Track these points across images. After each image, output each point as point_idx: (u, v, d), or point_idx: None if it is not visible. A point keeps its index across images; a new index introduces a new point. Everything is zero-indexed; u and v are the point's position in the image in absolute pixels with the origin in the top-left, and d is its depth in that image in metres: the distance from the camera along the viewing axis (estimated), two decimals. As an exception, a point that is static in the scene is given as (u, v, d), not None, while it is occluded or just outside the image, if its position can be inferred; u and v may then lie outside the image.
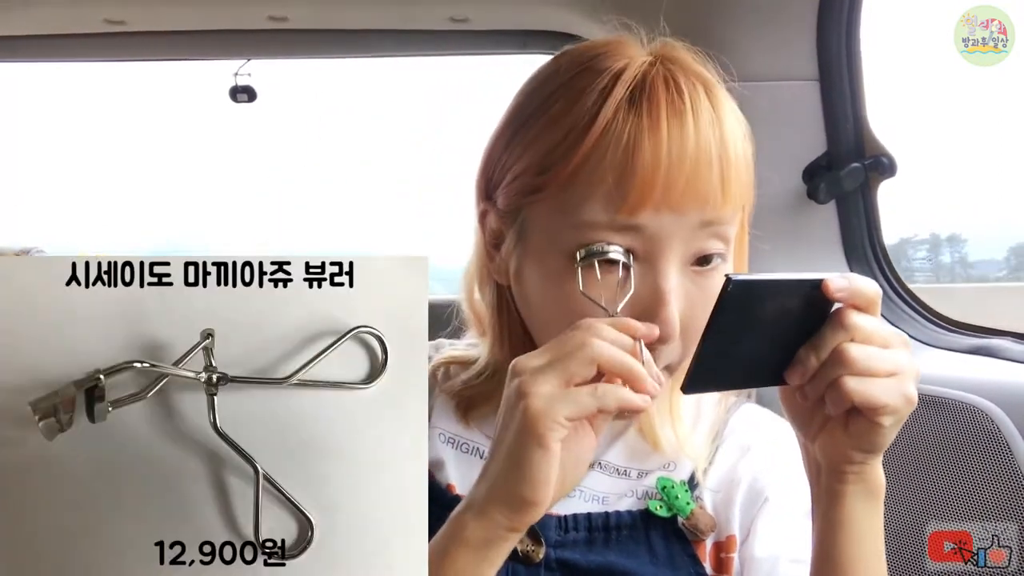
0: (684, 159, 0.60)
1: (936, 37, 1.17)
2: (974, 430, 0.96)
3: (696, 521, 0.70)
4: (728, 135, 0.62)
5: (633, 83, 0.62)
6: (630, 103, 0.61)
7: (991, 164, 1.70)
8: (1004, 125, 1.54)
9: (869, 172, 1.29)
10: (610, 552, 0.69)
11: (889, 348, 0.55)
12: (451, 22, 1.60)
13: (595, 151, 0.60)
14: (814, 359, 0.55)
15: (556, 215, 0.63)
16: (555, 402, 0.52)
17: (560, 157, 0.62)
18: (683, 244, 0.62)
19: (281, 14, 1.57)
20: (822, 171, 1.29)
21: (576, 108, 0.62)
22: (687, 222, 0.61)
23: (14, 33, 1.66)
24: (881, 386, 0.54)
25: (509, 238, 0.69)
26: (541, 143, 0.64)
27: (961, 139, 1.63)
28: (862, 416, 0.55)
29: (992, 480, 0.93)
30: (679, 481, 0.72)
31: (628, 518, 0.70)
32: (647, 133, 0.60)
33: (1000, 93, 1.32)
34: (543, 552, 0.68)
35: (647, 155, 0.59)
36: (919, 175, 1.43)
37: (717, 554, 0.71)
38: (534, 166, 0.64)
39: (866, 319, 0.55)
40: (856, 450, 0.57)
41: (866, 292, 0.55)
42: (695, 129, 0.60)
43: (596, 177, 0.60)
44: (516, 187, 0.66)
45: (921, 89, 1.51)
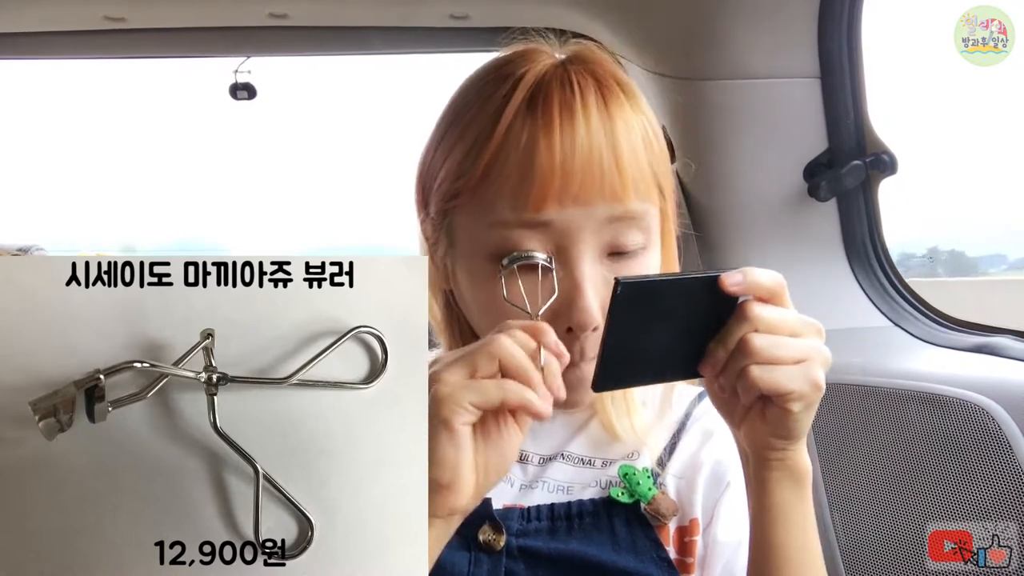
0: (575, 154, 0.62)
1: (936, 37, 1.17)
2: (975, 428, 0.96)
3: (658, 506, 0.72)
4: (620, 129, 0.64)
5: (532, 86, 0.65)
6: (529, 106, 0.64)
7: (990, 166, 1.70)
8: (1004, 126, 1.54)
9: (870, 170, 1.29)
10: (572, 539, 0.71)
11: (797, 336, 0.57)
12: (451, 19, 1.60)
13: (499, 154, 0.64)
14: (721, 351, 0.58)
15: (473, 219, 0.66)
16: (460, 389, 0.54)
17: (471, 163, 0.65)
18: (594, 236, 0.64)
19: (281, 11, 1.57)
20: (823, 169, 1.30)
21: (482, 114, 0.66)
22: (594, 215, 0.64)
23: (14, 30, 1.66)
24: (787, 373, 0.56)
25: (441, 244, 0.72)
26: (457, 150, 0.67)
27: (962, 141, 1.63)
28: (773, 404, 0.57)
29: (993, 479, 0.93)
30: (641, 468, 0.74)
31: (591, 506, 0.72)
32: (542, 132, 0.63)
33: (1000, 93, 1.32)
34: (504, 540, 0.70)
35: (543, 153, 0.62)
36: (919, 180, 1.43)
37: (681, 538, 0.74)
38: (452, 172, 0.67)
39: (770, 310, 0.57)
40: (774, 437, 0.59)
41: (765, 284, 0.57)
42: (585, 125, 0.63)
43: (502, 179, 0.64)
44: (440, 194, 0.69)
45: (921, 88, 1.51)
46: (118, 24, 1.60)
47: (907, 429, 1.01)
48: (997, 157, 1.64)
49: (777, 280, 0.58)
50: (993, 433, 0.94)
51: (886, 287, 1.32)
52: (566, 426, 0.78)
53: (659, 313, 0.56)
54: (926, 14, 1.40)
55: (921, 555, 0.94)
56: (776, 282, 0.57)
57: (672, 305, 0.56)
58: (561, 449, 0.76)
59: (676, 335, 0.57)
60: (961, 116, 1.54)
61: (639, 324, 0.55)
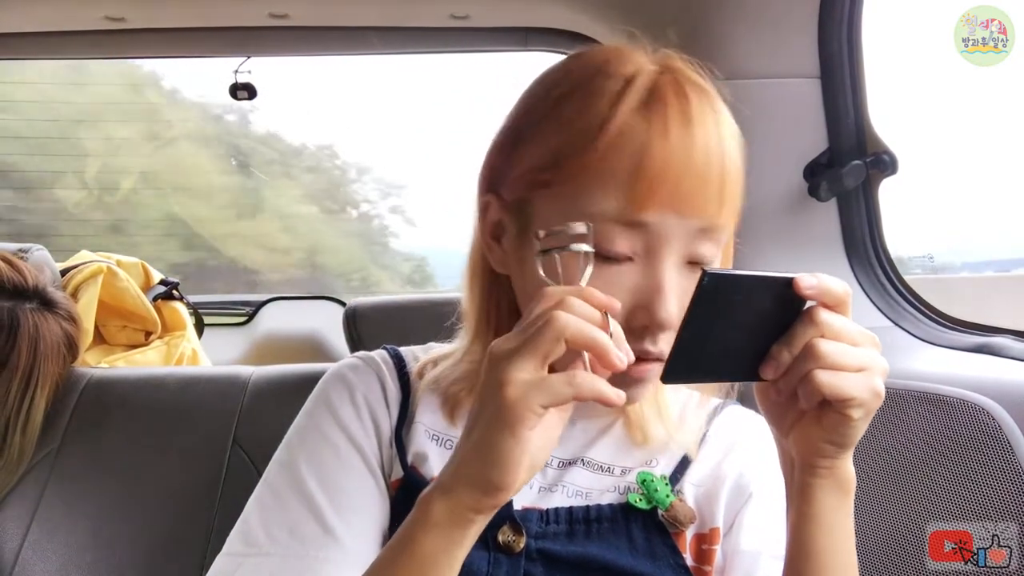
0: (692, 164, 0.62)
1: (936, 37, 1.17)
2: (975, 428, 0.96)
3: (676, 513, 0.72)
4: (728, 147, 0.65)
5: (645, 89, 0.65)
6: (642, 108, 0.64)
7: (990, 166, 1.70)
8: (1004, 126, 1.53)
9: (870, 169, 1.29)
10: (590, 543, 0.71)
11: (858, 346, 0.58)
12: (452, 19, 1.60)
13: (608, 150, 0.63)
14: (787, 354, 0.57)
15: (563, 208, 0.65)
16: (531, 389, 0.52)
17: (572, 153, 0.64)
18: (681, 245, 0.64)
19: (281, 11, 1.57)
20: (823, 169, 1.29)
21: (590, 108, 0.65)
22: (687, 225, 0.64)
23: (14, 30, 1.66)
24: (851, 379, 0.56)
25: (512, 229, 0.71)
26: (552, 139, 0.66)
27: (961, 141, 1.63)
28: (833, 409, 0.57)
29: (993, 479, 0.93)
30: (659, 475, 0.74)
31: (608, 511, 0.72)
32: (657, 138, 0.62)
33: (1000, 93, 1.32)
34: (523, 542, 0.69)
35: (656, 158, 0.62)
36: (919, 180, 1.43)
37: (698, 545, 0.74)
38: (545, 161, 0.66)
39: (836, 317, 0.57)
40: (828, 443, 0.59)
41: (835, 291, 0.57)
42: (703, 138, 0.63)
43: (607, 175, 0.63)
44: (524, 180, 0.69)
45: (921, 88, 1.51)
46: (118, 24, 1.60)
47: (907, 429, 1.01)
48: (997, 157, 1.64)
49: (846, 290, 0.58)
50: (993, 433, 0.94)
51: (886, 287, 1.32)
52: (586, 432, 0.77)
53: (734, 310, 0.56)
54: (926, 14, 1.40)
55: (921, 555, 0.94)
56: (845, 291, 0.58)
57: (746, 303, 0.56)
58: (581, 455, 0.76)
59: (742, 334, 0.57)
60: (961, 116, 1.54)
61: (716, 318, 0.55)
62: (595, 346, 0.54)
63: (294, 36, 1.69)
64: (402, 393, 0.78)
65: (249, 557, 0.68)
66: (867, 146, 1.29)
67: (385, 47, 1.73)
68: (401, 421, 0.77)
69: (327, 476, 0.71)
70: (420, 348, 0.85)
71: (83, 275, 1.47)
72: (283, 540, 0.68)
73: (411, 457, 0.74)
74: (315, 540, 0.67)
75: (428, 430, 0.76)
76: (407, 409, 0.77)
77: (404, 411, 0.77)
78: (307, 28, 1.68)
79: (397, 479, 0.74)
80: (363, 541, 0.69)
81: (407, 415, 0.77)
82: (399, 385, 0.79)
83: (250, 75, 1.94)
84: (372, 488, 0.73)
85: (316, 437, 0.74)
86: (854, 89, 1.28)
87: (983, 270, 2.32)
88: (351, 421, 0.75)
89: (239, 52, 1.85)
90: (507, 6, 1.60)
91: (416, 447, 0.75)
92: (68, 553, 1.12)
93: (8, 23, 1.63)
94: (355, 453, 0.73)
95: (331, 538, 0.68)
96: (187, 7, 1.57)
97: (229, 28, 1.67)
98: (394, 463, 0.75)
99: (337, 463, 0.72)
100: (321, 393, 0.78)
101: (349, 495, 0.71)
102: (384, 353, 0.82)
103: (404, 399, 0.78)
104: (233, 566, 0.68)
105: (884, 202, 1.32)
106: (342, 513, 0.69)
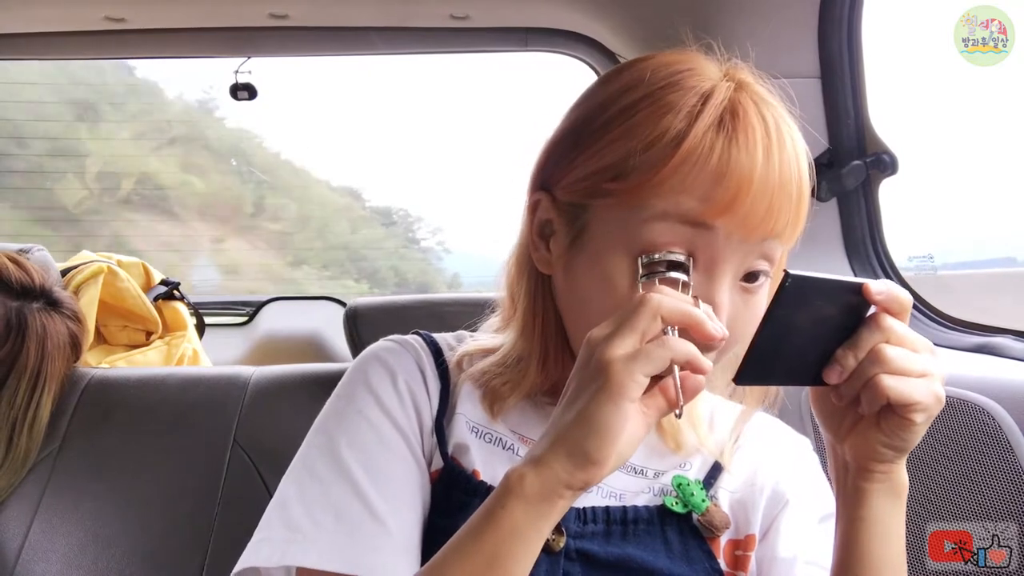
0: (769, 185, 0.62)
1: (936, 37, 1.17)
2: (976, 428, 0.96)
3: (711, 518, 0.72)
4: (803, 167, 0.65)
5: (722, 107, 0.64)
6: (719, 125, 0.63)
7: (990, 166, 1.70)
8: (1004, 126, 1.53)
9: (870, 170, 1.29)
10: (627, 544, 0.70)
11: (918, 352, 0.59)
12: (451, 19, 1.60)
13: (683, 166, 0.62)
14: (852, 358, 0.58)
15: (624, 218, 0.64)
16: (631, 361, 0.54)
17: (641, 166, 0.63)
18: (740, 261, 0.64)
19: (281, 11, 1.57)
20: (824, 169, 1.30)
21: (663, 122, 0.63)
22: (751, 242, 0.64)
23: (15, 31, 1.66)
24: (914, 384, 0.57)
25: (562, 231, 0.70)
26: (619, 148, 0.65)
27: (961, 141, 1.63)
28: (894, 414, 0.58)
29: (993, 479, 0.93)
30: (694, 479, 0.74)
31: (645, 512, 0.72)
32: (737, 157, 0.62)
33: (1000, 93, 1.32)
34: (564, 541, 0.69)
35: (740, 172, 0.61)
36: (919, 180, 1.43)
37: (733, 551, 0.73)
38: (610, 169, 0.65)
39: (899, 324, 0.58)
40: (887, 448, 0.60)
41: (901, 299, 0.58)
42: (782, 159, 0.63)
43: (678, 192, 0.62)
44: (584, 186, 0.67)
45: (921, 88, 1.51)
46: (118, 24, 1.60)
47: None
48: (997, 157, 1.64)
49: (909, 298, 0.59)
50: (993, 433, 0.94)
51: (886, 287, 1.32)
52: None
53: (808, 313, 0.56)
54: (926, 14, 1.40)
55: (921, 555, 0.94)
56: (909, 299, 0.59)
57: (818, 307, 0.57)
58: None
59: (807, 338, 0.58)
60: (961, 116, 1.54)
61: (792, 321, 0.56)
62: (691, 320, 0.56)
63: (294, 36, 1.69)
64: (441, 382, 0.77)
65: (293, 543, 0.66)
66: (867, 146, 1.29)
67: (385, 47, 1.73)
68: (442, 411, 0.75)
69: (372, 460, 0.70)
70: (452, 336, 0.83)
71: (84, 275, 1.47)
72: (329, 525, 0.66)
73: (451, 448, 0.73)
74: (362, 526, 0.66)
75: (469, 422, 0.75)
76: (447, 399, 0.76)
77: (444, 401, 0.76)
78: (307, 28, 1.67)
79: (437, 469, 0.73)
80: (408, 528, 0.68)
81: (447, 405, 0.76)
82: (437, 374, 0.77)
83: (250, 75, 1.94)
84: (416, 475, 0.71)
85: (358, 420, 0.72)
86: (854, 89, 1.28)
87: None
88: (394, 407, 0.73)
89: (239, 52, 1.85)
90: (507, 6, 1.60)
91: (457, 438, 0.74)
92: (69, 553, 1.12)
93: (8, 23, 1.63)
94: (400, 439, 0.72)
95: (379, 524, 0.66)
96: (187, 7, 1.57)
97: (229, 28, 1.67)
98: (434, 453, 0.74)
99: (381, 447, 0.71)
100: (359, 375, 0.76)
101: (394, 481, 0.69)
102: (419, 339, 0.80)
103: (444, 388, 0.77)
104: (275, 552, 0.66)
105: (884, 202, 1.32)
106: (388, 499, 0.68)
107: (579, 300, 0.70)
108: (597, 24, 1.57)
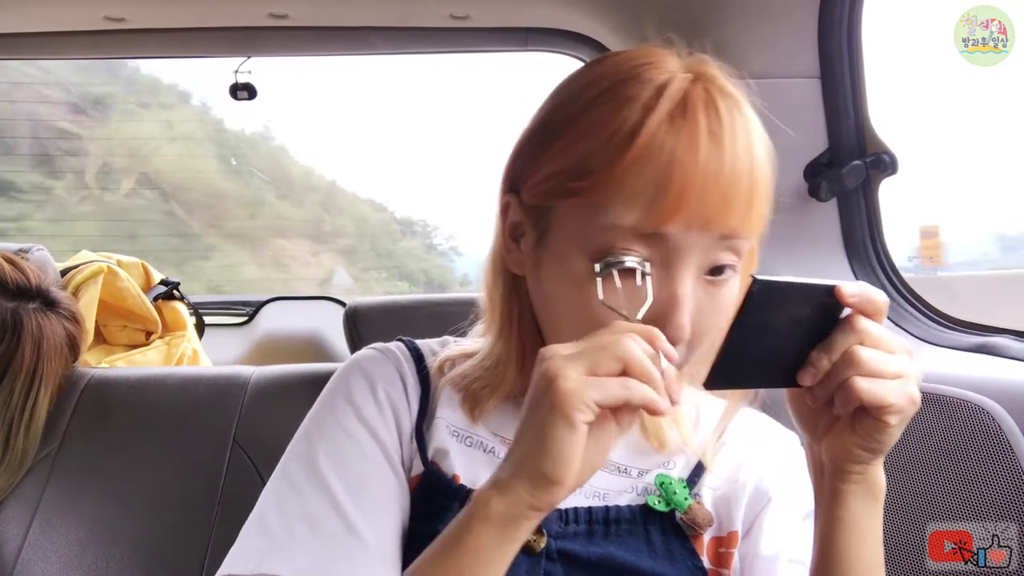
0: (719, 179, 0.62)
1: (936, 37, 1.17)
2: (975, 428, 0.96)
3: (694, 516, 0.72)
4: (756, 156, 0.64)
5: (675, 99, 0.63)
6: (671, 120, 0.62)
7: (990, 166, 1.70)
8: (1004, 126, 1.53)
9: (870, 170, 1.29)
10: (609, 544, 0.70)
11: (893, 353, 0.58)
12: (452, 19, 1.60)
13: (636, 163, 0.61)
14: (826, 360, 0.58)
15: (586, 219, 0.64)
16: (585, 386, 0.54)
17: (600, 164, 0.63)
18: (702, 255, 0.64)
19: (281, 11, 1.57)
20: (823, 169, 1.29)
21: (620, 116, 0.63)
22: (710, 236, 0.63)
23: (14, 31, 1.66)
24: (888, 386, 0.57)
25: (531, 233, 0.70)
26: (580, 147, 0.65)
27: (962, 141, 1.63)
28: (868, 416, 0.58)
29: (993, 479, 0.93)
30: (677, 478, 0.74)
31: (627, 512, 0.72)
32: (686, 151, 0.61)
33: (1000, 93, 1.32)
34: (544, 542, 0.69)
35: (685, 172, 0.61)
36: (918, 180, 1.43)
37: (716, 548, 0.73)
38: (571, 169, 0.65)
39: (874, 325, 0.58)
40: (862, 449, 0.60)
41: (875, 300, 0.58)
42: (731, 151, 0.62)
43: (633, 188, 0.62)
44: (548, 186, 0.67)
45: (921, 88, 1.51)
46: (118, 24, 1.60)
47: (907, 429, 1.00)
48: (997, 157, 1.64)
49: (884, 300, 0.59)
50: (993, 433, 0.94)
51: (886, 287, 1.32)
52: None
53: (778, 317, 0.56)
54: (926, 14, 1.40)
55: (921, 555, 0.94)
56: (884, 301, 0.59)
57: (789, 310, 0.57)
58: None
59: (781, 341, 0.58)
60: (961, 116, 1.54)
61: (761, 325, 0.56)
62: (649, 381, 0.56)
63: (294, 36, 1.69)
64: (421, 388, 0.78)
65: (269, 552, 0.66)
66: (867, 146, 1.29)
67: (385, 47, 1.72)
68: (421, 417, 0.76)
69: (349, 472, 0.70)
70: (436, 342, 0.84)
71: (83, 275, 1.47)
72: (304, 536, 0.66)
73: (432, 453, 0.74)
74: (338, 537, 0.66)
75: (449, 426, 0.75)
76: (427, 405, 0.77)
77: (424, 407, 0.77)
78: (307, 28, 1.67)
79: (417, 475, 0.74)
80: (386, 540, 0.69)
81: (427, 411, 0.77)
82: (418, 380, 0.78)
83: (250, 75, 1.94)
84: (393, 485, 0.72)
85: (337, 431, 0.73)
86: (854, 89, 1.28)
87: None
88: (373, 417, 0.74)
89: (239, 52, 1.85)
90: (507, 6, 1.60)
91: (437, 443, 0.74)
92: (68, 553, 1.12)
93: (8, 23, 1.63)
94: (377, 450, 0.72)
95: (354, 536, 0.67)
96: (187, 7, 1.57)
97: (229, 28, 1.66)
98: (414, 459, 0.74)
99: (359, 459, 0.71)
100: (341, 385, 0.77)
101: (371, 492, 0.70)
102: (402, 346, 0.81)
103: (424, 394, 0.77)
104: (251, 561, 0.66)
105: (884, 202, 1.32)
106: (365, 511, 0.68)
107: (546, 300, 0.71)
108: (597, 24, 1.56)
